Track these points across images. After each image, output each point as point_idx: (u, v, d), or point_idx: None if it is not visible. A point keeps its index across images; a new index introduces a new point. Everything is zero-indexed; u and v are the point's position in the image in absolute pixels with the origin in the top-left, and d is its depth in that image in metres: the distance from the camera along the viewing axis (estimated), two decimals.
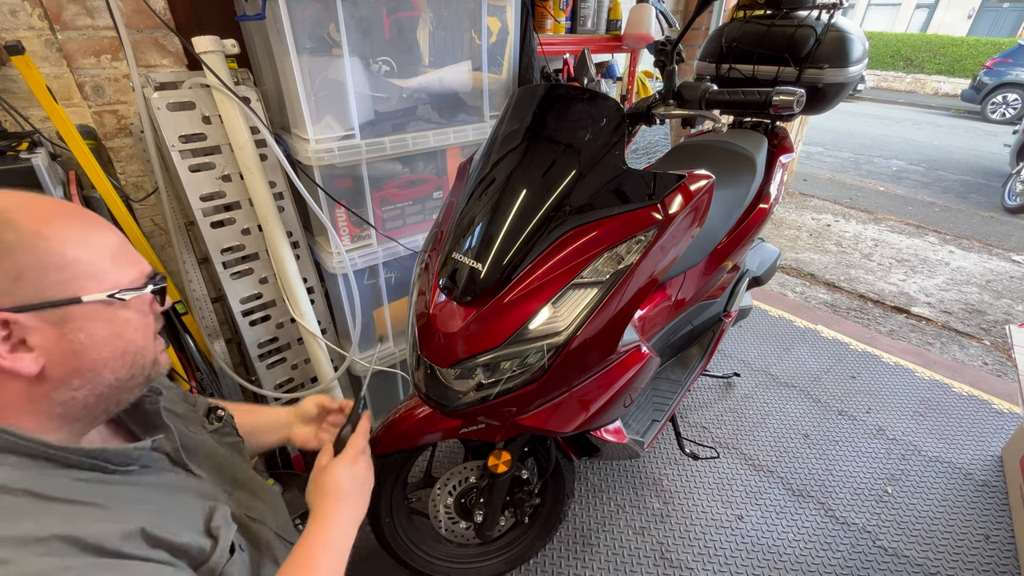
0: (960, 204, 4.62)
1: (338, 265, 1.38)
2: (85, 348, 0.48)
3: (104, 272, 0.49)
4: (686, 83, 1.02)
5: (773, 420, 1.92)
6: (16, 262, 0.44)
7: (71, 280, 0.47)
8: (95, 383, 0.50)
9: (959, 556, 1.45)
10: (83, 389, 0.50)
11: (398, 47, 1.32)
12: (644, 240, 0.88)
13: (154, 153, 1.24)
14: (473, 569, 1.30)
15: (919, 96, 11.85)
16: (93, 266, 0.48)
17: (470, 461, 1.26)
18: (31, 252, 0.45)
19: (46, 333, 0.46)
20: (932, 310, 2.84)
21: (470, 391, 0.90)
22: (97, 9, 1.22)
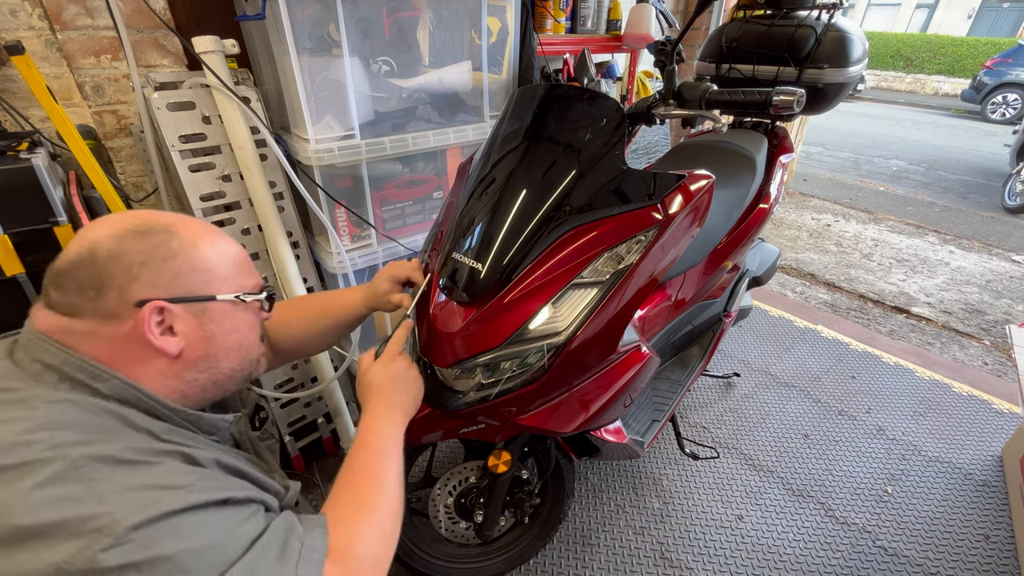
0: (960, 204, 4.62)
1: (338, 265, 1.38)
2: (214, 337, 0.61)
3: (233, 277, 0.63)
4: (686, 83, 1.02)
5: (773, 420, 1.92)
6: (176, 263, 0.57)
7: (210, 281, 0.60)
8: (215, 369, 0.63)
9: (959, 556, 1.45)
10: (205, 373, 0.62)
11: (398, 47, 1.32)
12: (644, 240, 0.88)
13: (154, 153, 1.24)
14: (473, 569, 1.30)
15: (919, 96, 11.85)
16: (226, 271, 0.62)
17: (470, 461, 1.26)
18: (186, 256, 0.58)
19: (188, 322, 0.59)
20: (932, 310, 2.84)
21: (470, 391, 0.90)
22: (97, 9, 1.22)
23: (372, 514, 0.64)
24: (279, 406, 1.53)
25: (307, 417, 1.63)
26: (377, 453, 0.71)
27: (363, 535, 0.61)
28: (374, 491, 0.67)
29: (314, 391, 1.47)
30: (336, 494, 0.66)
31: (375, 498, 0.66)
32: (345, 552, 0.58)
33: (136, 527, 0.44)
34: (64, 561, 0.42)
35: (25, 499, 0.44)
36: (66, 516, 0.43)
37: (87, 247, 0.54)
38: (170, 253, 0.57)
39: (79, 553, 0.42)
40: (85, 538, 0.42)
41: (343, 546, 0.58)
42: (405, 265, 0.97)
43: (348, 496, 0.66)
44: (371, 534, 0.62)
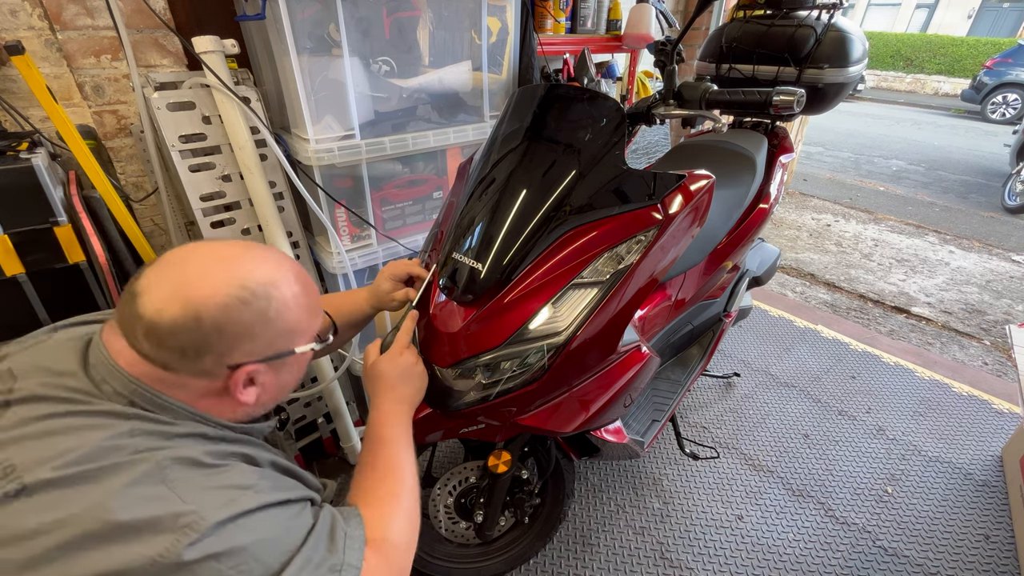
0: (960, 204, 4.62)
1: (338, 265, 1.38)
2: (286, 383, 0.68)
3: (308, 329, 0.67)
4: (686, 83, 1.02)
5: (773, 420, 1.92)
6: (271, 331, 0.61)
7: (292, 337, 0.64)
8: (276, 401, 0.70)
9: (959, 556, 1.45)
10: (269, 405, 0.69)
11: (398, 47, 1.32)
12: (644, 240, 0.88)
13: (154, 153, 1.24)
14: (473, 569, 1.30)
15: (919, 96, 11.85)
16: (304, 325, 0.65)
17: (470, 461, 1.26)
18: (281, 322, 0.61)
19: (269, 375, 0.64)
20: (932, 310, 2.84)
21: (470, 391, 0.90)
22: (97, 9, 1.22)
23: (397, 503, 0.71)
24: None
25: (307, 417, 1.63)
26: (393, 445, 0.76)
27: (392, 523, 0.68)
28: (395, 481, 0.73)
29: (314, 391, 1.47)
30: (360, 488, 0.72)
31: (397, 488, 0.72)
32: (381, 540, 0.65)
33: (219, 524, 0.50)
34: (158, 555, 0.47)
35: (118, 497, 0.48)
36: (158, 513, 0.48)
37: (192, 313, 0.55)
38: (268, 322, 0.60)
39: (171, 547, 0.47)
40: (176, 533, 0.48)
41: (378, 535, 0.65)
42: (405, 263, 0.99)
43: (372, 489, 0.72)
44: (399, 521, 0.69)
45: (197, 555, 0.47)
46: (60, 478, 0.48)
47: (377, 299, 0.97)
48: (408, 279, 0.99)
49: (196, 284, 0.56)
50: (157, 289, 0.55)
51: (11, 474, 0.48)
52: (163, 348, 0.55)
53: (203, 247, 0.60)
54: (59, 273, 1.14)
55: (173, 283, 0.55)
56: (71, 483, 0.48)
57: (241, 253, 0.60)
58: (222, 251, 0.60)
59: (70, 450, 0.49)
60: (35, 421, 0.52)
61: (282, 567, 0.52)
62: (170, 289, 0.55)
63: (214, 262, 0.58)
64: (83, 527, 0.46)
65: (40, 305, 1.14)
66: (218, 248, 0.60)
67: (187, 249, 0.59)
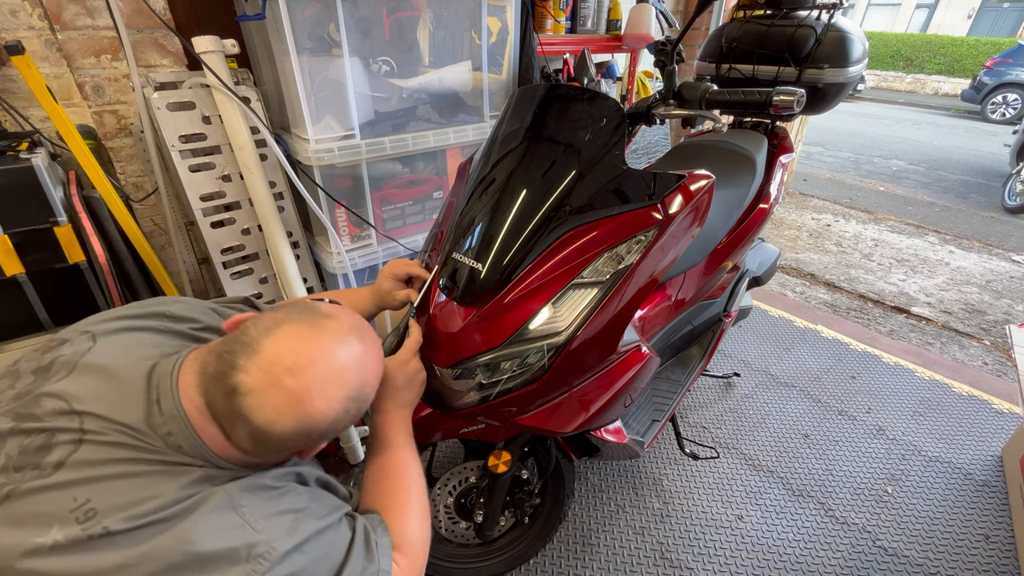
0: (960, 204, 4.62)
1: (338, 265, 1.38)
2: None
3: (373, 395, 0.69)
4: (686, 83, 1.02)
5: (773, 420, 1.92)
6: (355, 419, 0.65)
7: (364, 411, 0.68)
8: None
9: (959, 556, 1.45)
10: None
11: (398, 47, 1.32)
12: (644, 240, 0.88)
13: (154, 153, 1.24)
14: (473, 569, 1.30)
15: (919, 96, 11.85)
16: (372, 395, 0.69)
17: (470, 461, 1.26)
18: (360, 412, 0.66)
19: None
20: (932, 310, 2.84)
21: (470, 391, 0.90)
22: (97, 9, 1.22)
23: (411, 506, 0.75)
24: None
25: None
26: (401, 449, 0.80)
27: (410, 525, 0.73)
28: (407, 486, 0.77)
29: None
30: (376, 494, 0.76)
31: (411, 492, 0.77)
32: (403, 543, 0.70)
33: (287, 553, 0.54)
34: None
35: (197, 530, 0.51)
36: (234, 544, 0.52)
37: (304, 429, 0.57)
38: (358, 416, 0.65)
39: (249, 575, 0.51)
40: (252, 563, 0.52)
41: (401, 539, 0.70)
42: (406, 262, 0.99)
43: (388, 495, 0.75)
44: (414, 522, 0.74)
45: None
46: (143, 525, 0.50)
47: (379, 298, 0.97)
48: (408, 279, 0.99)
49: (312, 402, 0.56)
50: (268, 399, 0.54)
51: (93, 517, 0.50)
52: (263, 448, 0.57)
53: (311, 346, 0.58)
54: (59, 273, 1.14)
55: (288, 398, 0.55)
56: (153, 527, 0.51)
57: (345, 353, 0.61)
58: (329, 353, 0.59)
59: (150, 498, 0.52)
60: (111, 464, 0.52)
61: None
62: (284, 403, 0.55)
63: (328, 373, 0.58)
64: (168, 559, 0.50)
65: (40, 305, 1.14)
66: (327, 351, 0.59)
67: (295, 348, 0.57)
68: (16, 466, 0.51)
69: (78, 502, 0.50)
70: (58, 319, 1.21)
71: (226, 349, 0.57)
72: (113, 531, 0.49)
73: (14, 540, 0.48)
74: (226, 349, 0.57)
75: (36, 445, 0.52)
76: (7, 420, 0.54)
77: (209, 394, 0.56)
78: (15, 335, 1.19)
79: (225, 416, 0.55)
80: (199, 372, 0.57)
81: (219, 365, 0.56)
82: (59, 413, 0.54)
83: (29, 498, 0.50)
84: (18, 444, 0.52)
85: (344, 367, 0.60)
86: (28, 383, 0.58)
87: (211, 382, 0.56)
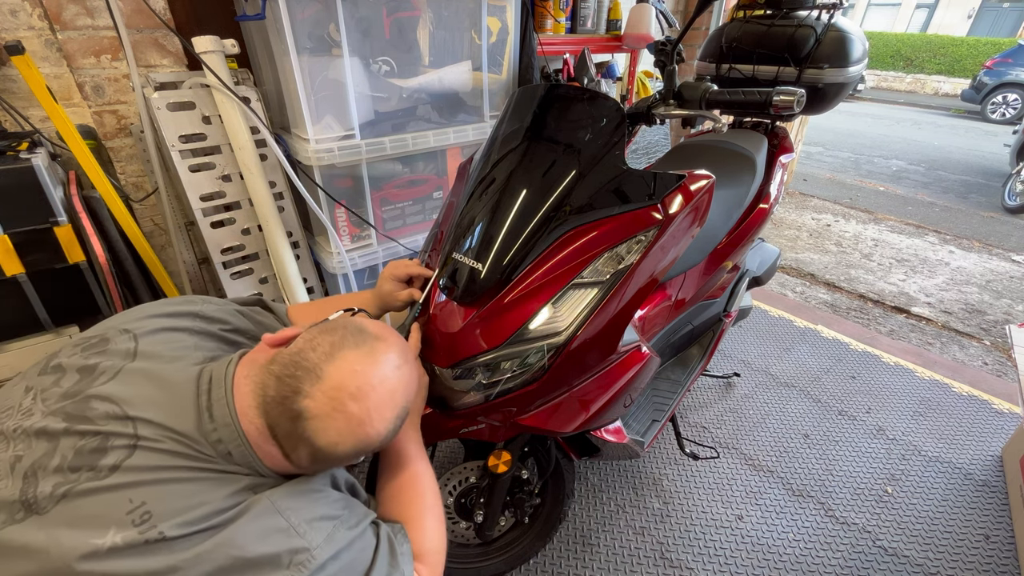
0: (960, 204, 4.62)
1: (338, 265, 1.38)
2: None
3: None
4: (686, 83, 1.02)
5: (773, 420, 1.92)
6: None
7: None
8: None
9: (959, 556, 1.45)
10: None
11: (398, 47, 1.32)
12: (644, 240, 0.88)
13: (154, 153, 1.25)
14: (473, 569, 1.30)
15: (919, 96, 11.85)
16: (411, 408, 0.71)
17: (470, 461, 1.26)
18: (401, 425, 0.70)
19: None
20: (932, 310, 2.84)
21: (470, 391, 0.90)
22: (97, 9, 1.22)
23: (428, 513, 0.78)
24: None
25: None
26: (416, 460, 0.82)
27: (428, 534, 0.76)
28: (424, 495, 0.79)
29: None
30: (395, 505, 0.78)
31: (428, 499, 0.79)
32: (423, 552, 0.73)
33: (325, 562, 0.57)
34: None
35: (244, 535, 0.54)
36: (278, 550, 0.55)
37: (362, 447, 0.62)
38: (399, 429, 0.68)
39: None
40: (292, 569, 0.54)
41: (421, 548, 0.73)
42: (406, 263, 0.99)
43: (407, 506, 0.78)
44: (432, 532, 0.77)
45: None
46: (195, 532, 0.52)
47: (381, 300, 0.97)
48: (409, 279, 0.99)
49: (372, 424, 0.61)
50: (333, 423, 0.58)
51: (148, 520, 0.51)
52: (321, 464, 0.62)
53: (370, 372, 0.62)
54: (59, 273, 1.14)
55: (351, 422, 0.59)
56: (204, 533, 0.53)
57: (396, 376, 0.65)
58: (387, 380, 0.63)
59: (201, 504, 0.54)
60: (164, 470, 0.54)
61: None
62: (347, 427, 0.59)
63: (385, 398, 0.63)
64: (217, 563, 0.52)
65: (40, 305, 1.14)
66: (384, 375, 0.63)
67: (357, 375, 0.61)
68: (72, 467, 0.52)
69: (133, 504, 0.51)
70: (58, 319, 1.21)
71: (287, 373, 0.59)
72: (168, 536, 0.51)
73: (73, 542, 0.49)
74: (287, 373, 0.59)
75: (91, 447, 0.53)
76: (58, 420, 0.55)
77: (270, 416, 0.59)
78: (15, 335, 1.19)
79: (287, 437, 0.59)
80: (258, 394, 0.60)
81: (281, 389, 0.59)
82: (112, 417, 0.56)
83: (86, 499, 0.51)
84: (72, 445, 0.53)
85: (395, 389, 0.64)
86: (74, 382, 0.59)
87: (273, 406, 0.59)
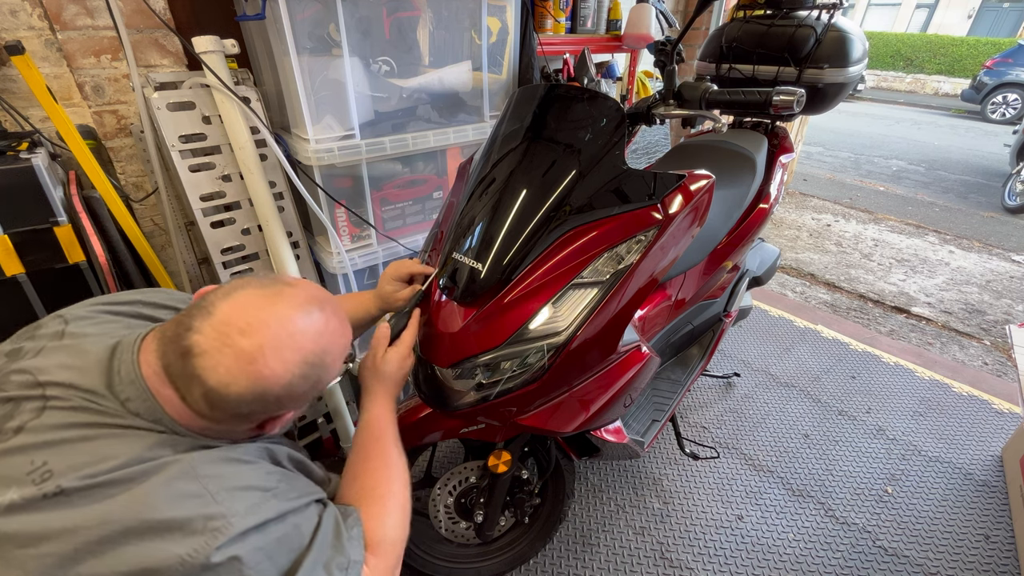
0: (960, 204, 4.62)
1: (338, 265, 1.38)
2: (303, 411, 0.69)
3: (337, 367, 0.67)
4: (686, 83, 1.02)
5: (773, 420, 1.92)
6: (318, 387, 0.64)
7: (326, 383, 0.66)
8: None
9: (959, 556, 1.45)
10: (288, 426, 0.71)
11: (398, 47, 1.32)
12: (644, 240, 0.88)
13: (154, 153, 1.24)
14: (473, 569, 1.30)
15: (919, 96, 11.85)
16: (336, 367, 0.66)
17: (470, 461, 1.26)
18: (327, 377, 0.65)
19: (296, 411, 0.66)
20: (932, 310, 2.84)
21: (470, 391, 0.90)
22: (97, 9, 1.22)
23: (393, 499, 0.73)
24: None
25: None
26: (387, 441, 0.79)
27: (388, 520, 0.71)
28: (391, 477, 0.75)
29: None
30: (358, 485, 0.74)
31: (394, 484, 0.75)
32: (378, 541, 0.68)
33: (246, 531, 0.53)
34: (188, 554, 0.49)
35: (156, 496, 0.51)
36: (191, 514, 0.51)
37: (259, 391, 0.56)
38: (318, 386, 0.63)
39: (200, 549, 0.50)
40: (206, 535, 0.51)
41: (377, 535, 0.68)
42: (407, 263, 0.99)
43: (371, 487, 0.74)
44: (393, 519, 0.72)
45: (222, 558, 0.51)
46: (97, 484, 0.50)
47: (383, 300, 0.97)
48: (410, 279, 0.99)
49: (267, 363, 0.55)
50: (221, 359, 0.54)
51: (49, 478, 0.50)
52: (219, 411, 0.57)
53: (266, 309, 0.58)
54: (59, 273, 1.14)
55: (241, 359, 0.54)
56: (109, 487, 0.51)
57: (300, 315, 0.59)
58: (283, 315, 0.58)
59: (109, 457, 0.52)
60: (71, 428, 0.53)
61: (294, 566, 0.56)
62: (237, 364, 0.54)
63: (281, 335, 0.57)
64: (124, 523, 0.49)
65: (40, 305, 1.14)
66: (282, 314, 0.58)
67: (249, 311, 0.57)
68: None
69: (35, 464, 0.51)
70: None
71: (185, 314, 0.57)
72: (67, 489, 0.49)
73: None
74: (185, 314, 0.57)
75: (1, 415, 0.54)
76: None
77: (166, 357, 0.56)
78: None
79: (180, 377, 0.55)
80: (158, 338, 0.58)
81: (176, 329, 0.56)
82: (25, 385, 0.56)
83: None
84: None
85: (300, 331, 0.59)
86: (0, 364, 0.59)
87: (168, 345, 0.56)
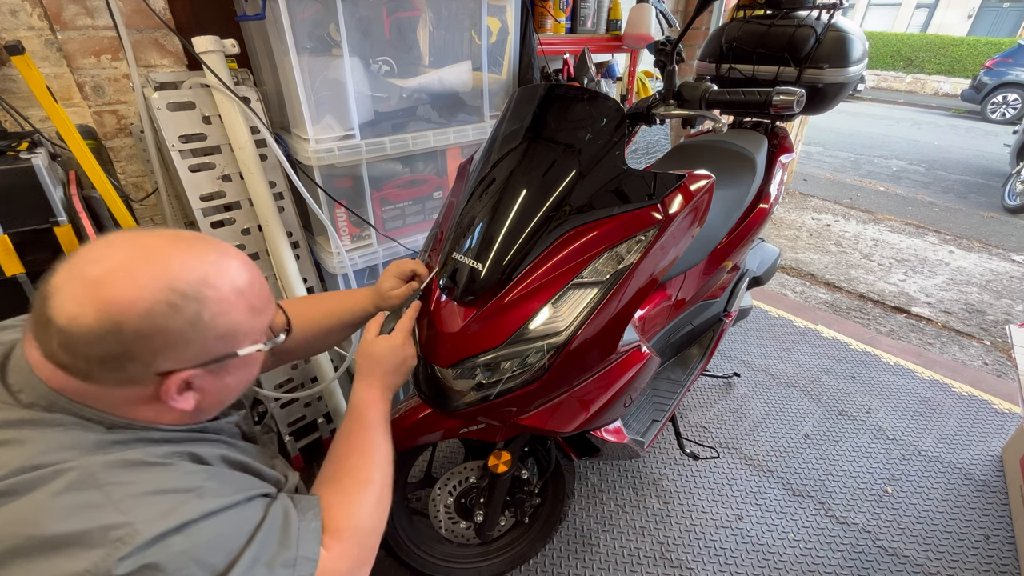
0: (960, 204, 4.62)
1: (338, 265, 1.38)
2: (230, 386, 0.61)
3: (254, 328, 0.60)
4: (686, 83, 1.02)
5: (773, 420, 1.92)
6: (205, 336, 0.54)
7: (234, 339, 0.57)
8: (223, 404, 0.64)
9: (959, 556, 1.45)
10: (214, 410, 0.63)
11: (398, 47, 1.32)
12: (644, 240, 0.88)
13: (154, 153, 1.24)
14: (473, 569, 1.30)
15: (919, 96, 11.85)
16: (248, 324, 0.59)
17: (470, 461, 1.26)
18: (215, 326, 0.54)
19: (206, 379, 0.57)
20: (932, 310, 2.84)
21: (470, 391, 0.90)
22: (97, 9, 1.22)
23: (370, 487, 0.70)
24: (279, 406, 1.53)
25: (307, 417, 1.63)
26: (375, 429, 0.76)
27: (361, 510, 0.67)
28: (372, 465, 0.72)
29: (314, 391, 1.47)
30: (337, 469, 0.71)
31: (373, 473, 0.71)
32: (347, 528, 0.63)
33: (154, 539, 0.46)
34: (87, 569, 0.43)
35: (47, 509, 0.45)
36: (88, 526, 0.45)
37: (110, 321, 0.47)
38: (201, 326, 0.53)
39: (101, 562, 0.44)
40: (107, 547, 0.44)
41: (344, 523, 0.63)
42: (408, 262, 0.98)
43: (350, 472, 0.70)
44: (368, 508, 0.68)
45: (130, 568, 0.44)
46: None
47: (380, 297, 0.97)
48: (411, 277, 0.98)
49: (115, 286, 0.48)
50: (69, 290, 0.47)
51: None
52: (79, 358, 0.49)
53: (123, 239, 0.52)
54: None
55: (88, 284, 0.47)
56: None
57: (169, 245, 0.52)
58: (146, 244, 0.52)
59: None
60: None
61: (228, 567, 0.49)
62: (84, 292, 0.47)
63: (136, 258, 0.50)
64: (6, 543, 0.43)
65: None
66: (141, 240, 0.52)
67: (106, 242, 0.51)
68: None
69: None
70: None
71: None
72: None
73: None
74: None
75: None
76: None
77: (32, 320, 0.50)
78: None
79: (40, 331, 0.49)
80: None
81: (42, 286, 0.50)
82: None
83: None
84: None
85: (163, 256, 0.51)
86: None
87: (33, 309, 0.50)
